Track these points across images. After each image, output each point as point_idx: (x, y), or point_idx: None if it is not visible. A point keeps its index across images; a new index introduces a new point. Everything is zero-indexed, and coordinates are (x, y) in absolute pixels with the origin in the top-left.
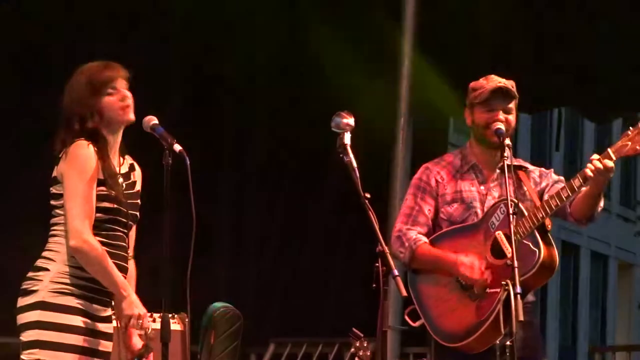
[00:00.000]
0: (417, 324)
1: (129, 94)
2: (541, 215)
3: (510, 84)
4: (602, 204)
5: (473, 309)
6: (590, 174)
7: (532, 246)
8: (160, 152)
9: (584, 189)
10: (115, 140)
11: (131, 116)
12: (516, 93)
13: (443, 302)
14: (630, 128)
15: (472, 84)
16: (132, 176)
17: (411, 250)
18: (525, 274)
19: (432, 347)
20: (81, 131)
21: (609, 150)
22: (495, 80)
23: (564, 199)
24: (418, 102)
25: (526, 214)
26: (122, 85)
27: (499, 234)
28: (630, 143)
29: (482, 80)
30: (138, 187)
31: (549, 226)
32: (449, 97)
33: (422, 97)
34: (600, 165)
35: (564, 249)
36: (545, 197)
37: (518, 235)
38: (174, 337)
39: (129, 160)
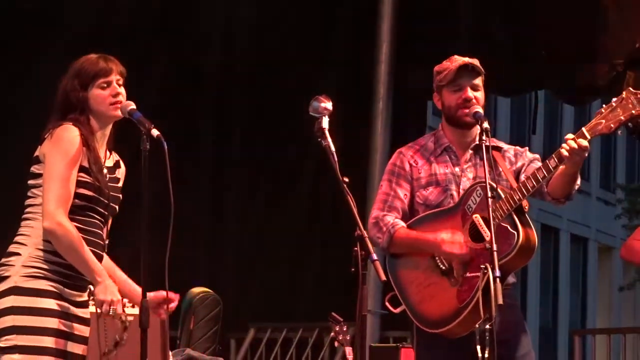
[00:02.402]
0: (398, 310)
1: (122, 91)
2: (518, 197)
3: (474, 61)
4: (578, 182)
5: (453, 294)
6: (565, 153)
7: (510, 228)
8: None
9: (560, 168)
10: (104, 134)
11: (119, 112)
12: (482, 69)
13: (423, 288)
14: (604, 106)
15: (437, 67)
16: (116, 172)
17: (389, 234)
18: (505, 257)
19: (413, 332)
20: (70, 118)
21: (583, 129)
22: (459, 59)
23: (540, 179)
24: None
25: (503, 196)
26: (116, 80)
27: (477, 218)
28: (604, 121)
29: (445, 62)
30: (121, 183)
31: (526, 207)
32: None
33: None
34: (575, 145)
35: (544, 232)
36: (522, 177)
37: (496, 218)
38: (153, 323)
39: (115, 156)
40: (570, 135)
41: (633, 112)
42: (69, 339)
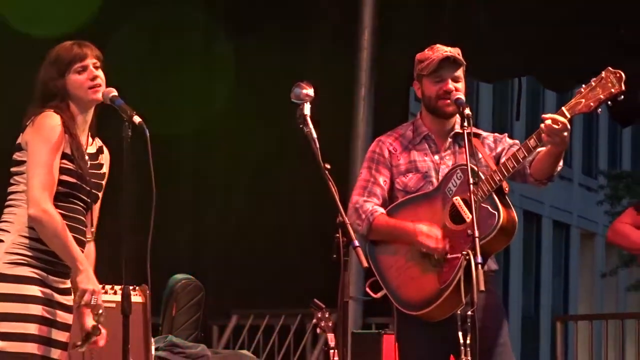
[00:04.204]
0: (379, 295)
1: (99, 74)
2: (498, 178)
3: (456, 51)
4: (561, 163)
5: (434, 276)
6: (543, 134)
7: (490, 209)
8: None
9: (540, 149)
10: (85, 120)
11: (98, 95)
12: (463, 61)
13: (403, 272)
14: (583, 86)
15: (419, 56)
16: (99, 158)
17: (368, 222)
18: (485, 238)
19: (395, 317)
20: (50, 106)
21: (563, 108)
22: (442, 50)
23: (520, 160)
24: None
25: (483, 178)
26: (92, 64)
27: (457, 200)
28: (583, 100)
29: (427, 51)
30: (104, 170)
31: (507, 189)
32: None
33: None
34: (551, 124)
35: (526, 218)
36: (502, 160)
37: (476, 199)
38: (135, 310)
39: (98, 142)
40: (548, 115)
41: (612, 90)
42: (53, 326)
